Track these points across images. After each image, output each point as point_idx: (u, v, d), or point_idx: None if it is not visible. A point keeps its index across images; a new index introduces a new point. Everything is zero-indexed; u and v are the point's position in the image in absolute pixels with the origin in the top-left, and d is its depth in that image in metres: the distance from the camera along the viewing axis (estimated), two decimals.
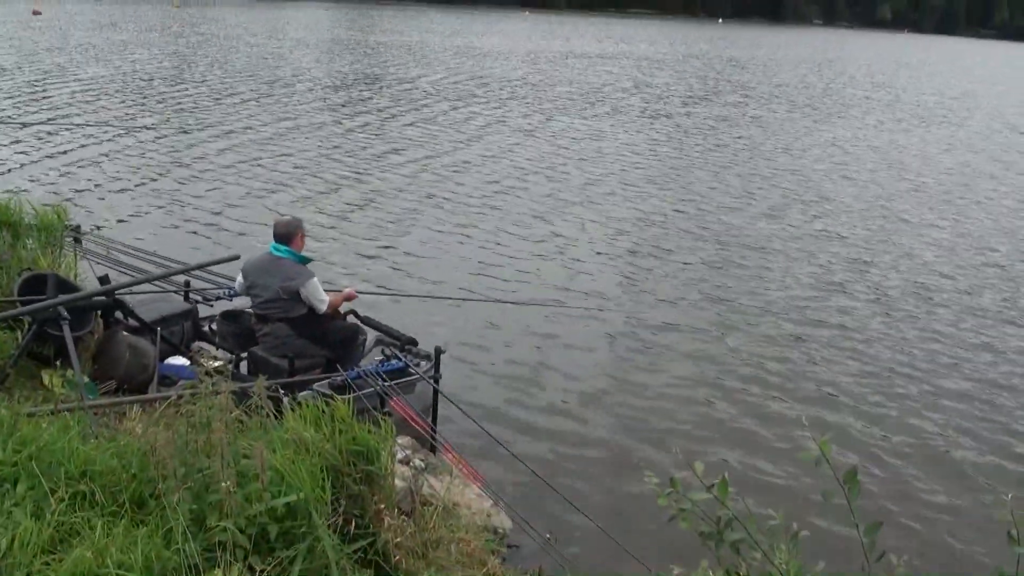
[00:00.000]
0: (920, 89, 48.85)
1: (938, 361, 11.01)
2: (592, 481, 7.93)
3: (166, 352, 7.65)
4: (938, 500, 8.01)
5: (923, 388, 10.24)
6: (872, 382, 10.30)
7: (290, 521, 4.20)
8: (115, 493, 4.33)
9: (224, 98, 29.80)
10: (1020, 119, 38.62)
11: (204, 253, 12.17)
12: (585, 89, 37.84)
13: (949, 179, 22.91)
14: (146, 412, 5.90)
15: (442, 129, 25.72)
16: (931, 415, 9.57)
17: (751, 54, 69.77)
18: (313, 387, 6.90)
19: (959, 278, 14.36)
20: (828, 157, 24.85)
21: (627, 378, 10.08)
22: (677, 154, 23.93)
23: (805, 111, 35.44)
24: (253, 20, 74.44)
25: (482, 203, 17.27)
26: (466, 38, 66.50)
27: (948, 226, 17.77)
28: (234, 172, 18.87)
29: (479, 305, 11.65)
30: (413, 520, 5.60)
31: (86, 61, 37.60)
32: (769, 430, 9.03)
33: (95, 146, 20.66)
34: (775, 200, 19.11)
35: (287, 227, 7.71)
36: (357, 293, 8.34)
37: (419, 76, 39.15)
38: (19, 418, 4.75)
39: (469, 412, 7.44)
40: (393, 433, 5.44)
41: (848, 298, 13.08)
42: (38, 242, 9.24)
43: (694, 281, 13.44)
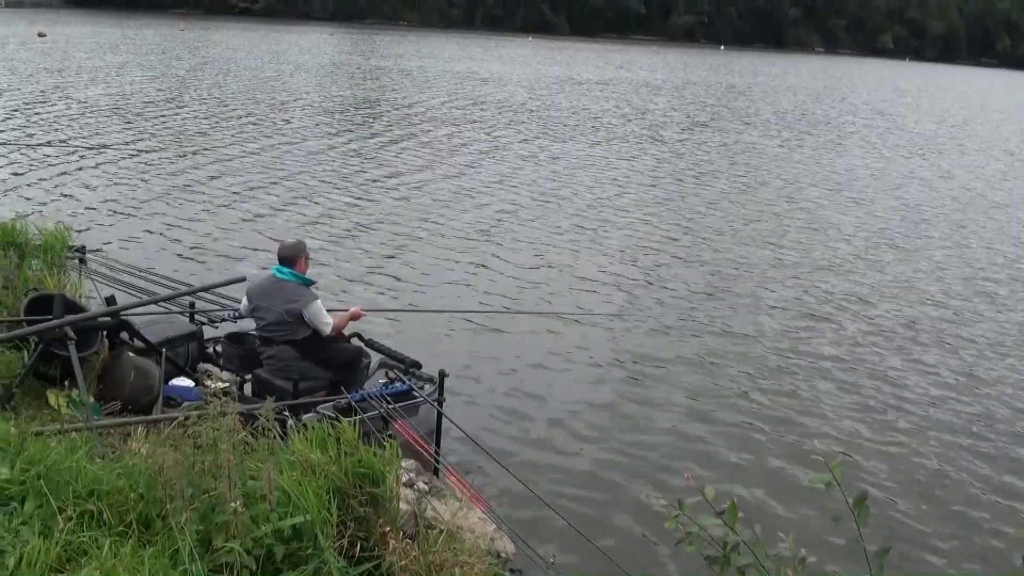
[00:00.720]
0: (919, 117, 48.86)
1: (944, 388, 11.01)
2: (596, 505, 7.92)
3: (171, 373, 7.65)
4: (945, 527, 7.99)
5: (929, 414, 10.24)
6: (880, 407, 10.30)
7: (296, 543, 4.21)
8: (122, 513, 4.34)
9: (228, 121, 29.88)
10: (1017, 147, 38.65)
11: (209, 275, 12.19)
12: (582, 115, 37.83)
13: (948, 207, 22.92)
14: (151, 433, 5.90)
15: (439, 153, 25.74)
16: (939, 441, 9.56)
17: (750, 81, 69.86)
18: (317, 409, 6.91)
19: (957, 307, 14.36)
20: (825, 184, 24.86)
21: (632, 403, 10.08)
22: (672, 180, 23.90)
23: (802, 138, 35.41)
24: (257, 43, 74.67)
25: (477, 228, 17.25)
26: (465, 63, 66.64)
27: (947, 255, 17.77)
28: (239, 195, 18.92)
29: (482, 330, 11.70)
30: (417, 543, 5.60)
31: (90, 84, 37.72)
32: (775, 455, 9.04)
33: (100, 168, 20.69)
34: (773, 227, 19.14)
35: (291, 250, 7.74)
36: (364, 312, 8.35)
37: (418, 101, 39.18)
38: (26, 437, 4.77)
39: (472, 435, 7.45)
40: (398, 455, 5.45)
41: (848, 325, 13.09)
42: (44, 263, 9.28)
43: (695, 307, 13.45)
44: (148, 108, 31.55)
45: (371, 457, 5.00)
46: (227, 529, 4.06)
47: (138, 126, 27.63)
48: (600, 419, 9.65)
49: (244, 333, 8.43)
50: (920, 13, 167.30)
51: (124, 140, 24.56)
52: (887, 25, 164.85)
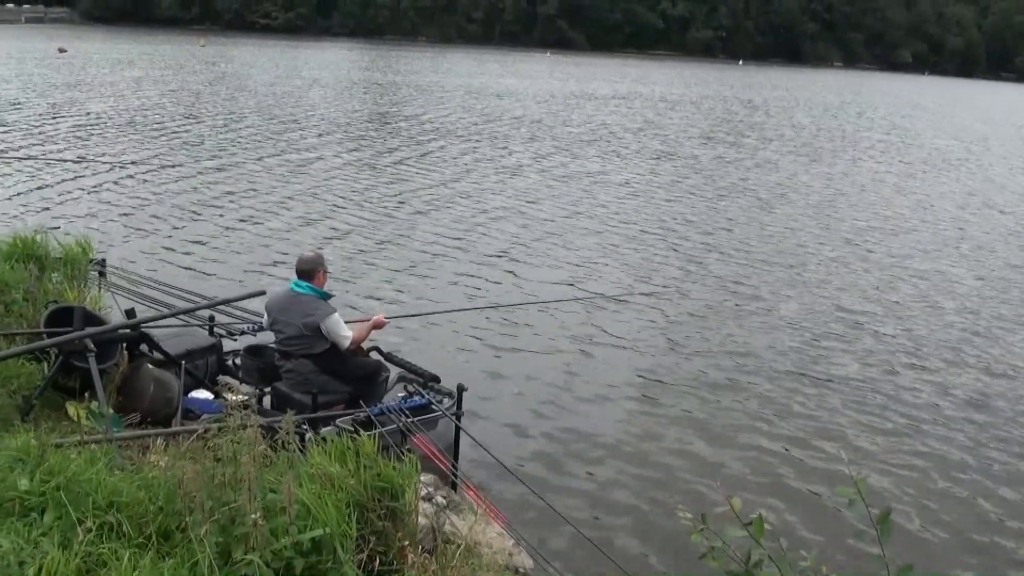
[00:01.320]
0: (937, 132, 48.56)
1: (967, 407, 10.92)
2: (615, 521, 7.89)
3: (190, 386, 7.66)
4: (968, 546, 7.93)
5: (953, 433, 10.17)
6: (904, 425, 10.24)
7: (316, 556, 4.20)
8: (142, 525, 4.34)
9: (246, 136, 30.06)
10: None
11: (229, 289, 12.22)
12: (597, 130, 37.83)
13: (968, 224, 22.79)
14: (171, 445, 5.91)
15: (451, 169, 25.77)
16: (963, 460, 9.49)
17: (766, 95, 69.64)
18: (336, 423, 6.91)
19: (976, 325, 14.25)
20: (841, 200, 24.71)
21: (651, 418, 10.04)
22: (687, 196, 23.83)
23: (818, 153, 35.27)
24: (276, 59, 75.13)
25: (492, 246, 17.27)
26: (481, 79, 66.75)
27: (965, 272, 17.63)
28: (257, 209, 19.00)
29: (501, 345, 11.70)
30: (435, 558, 5.58)
31: (109, 99, 38.00)
32: (795, 471, 8.98)
33: (120, 182, 20.84)
34: (789, 242, 19.09)
35: (309, 263, 7.72)
36: (387, 319, 8.25)
37: (432, 116, 39.29)
38: (46, 448, 4.77)
39: (491, 450, 7.42)
40: (418, 469, 5.43)
41: (868, 342, 13.03)
42: (64, 275, 9.34)
43: (713, 324, 13.39)
44: (167, 123, 31.76)
45: (390, 471, 4.98)
46: (247, 541, 4.05)
47: (157, 141, 27.81)
48: (618, 434, 9.61)
49: (263, 346, 8.44)
50: (938, 28, 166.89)
51: (144, 155, 24.72)
52: (905, 40, 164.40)
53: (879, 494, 8.43)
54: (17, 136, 26.67)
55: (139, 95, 40.32)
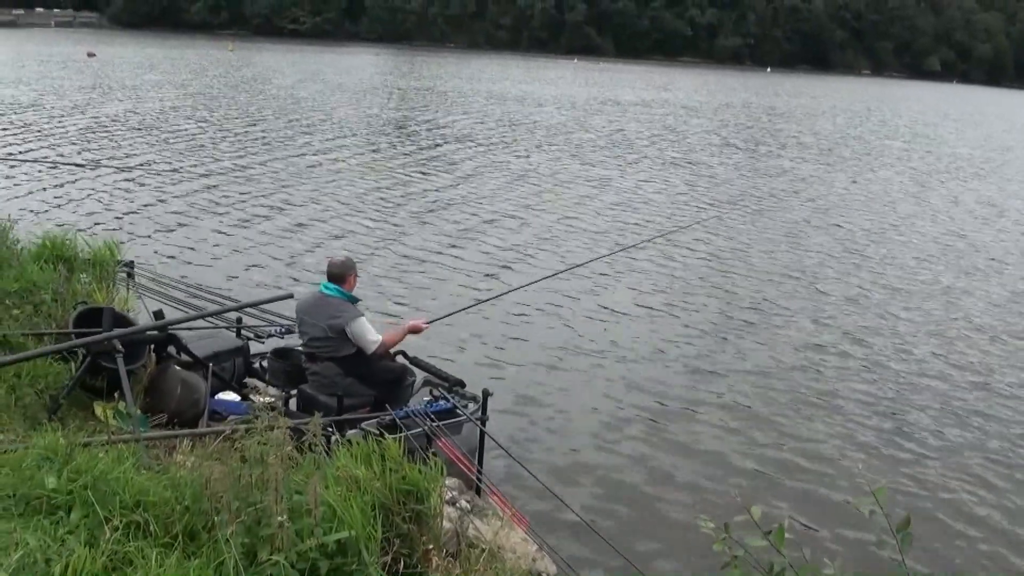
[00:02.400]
0: (962, 141, 48.07)
1: (987, 419, 10.84)
2: (639, 526, 7.87)
3: (217, 387, 7.69)
4: (988, 555, 7.87)
5: (974, 437, 10.12)
6: (925, 436, 10.18)
7: (341, 558, 4.20)
8: (168, 524, 4.35)
9: (276, 140, 30.22)
10: None
11: (256, 291, 12.29)
12: (615, 136, 37.75)
13: (986, 236, 22.56)
14: (197, 446, 5.93)
15: (469, 174, 25.82)
16: (984, 470, 9.43)
17: (791, 103, 69.21)
18: (362, 426, 6.92)
19: (993, 336, 14.13)
20: (861, 210, 24.46)
21: (675, 427, 10.01)
22: (704, 205, 23.68)
23: (838, 161, 34.95)
24: (305, 64, 75.54)
25: (504, 251, 17.29)
26: (503, 84, 66.77)
27: (981, 285, 17.45)
28: (286, 212, 19.11)
29: (529, 350, 11.70)
30: (459, 562, 5.57)
31: (138, 103, 38.37)
32: (821, 477, 8.94)
33: (149, 185, 21.03)
34: (806, 250, 18.97)
35: (340, 267, 7.72)
36: (425, 324, 8.15)
37: (452, 121, 39.46)
38: (74, 447, 4.80)
39: (515, 455, 7.42)
40: (443, 473, 5.43)
41: (888, 353, 12.96)
42: (93, 276, 9.42)
43: (734, 335, 13.32)
44: (194, 127, 32.03)
45: (416, 474, 4.99)
46: (272, 542, 4.05)
47: (187, 144, 28.04)
48: (643, 441, 9.59)
49: (290, 349, 8.46)
50: (967, 36, 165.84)
51: (173, 157, 24.94)
52: (934, 48, 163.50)
53: (900, 504, 8.38)
54: (46, 139, 26.93)
55: (166, 99, 40.64)
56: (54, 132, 28.50)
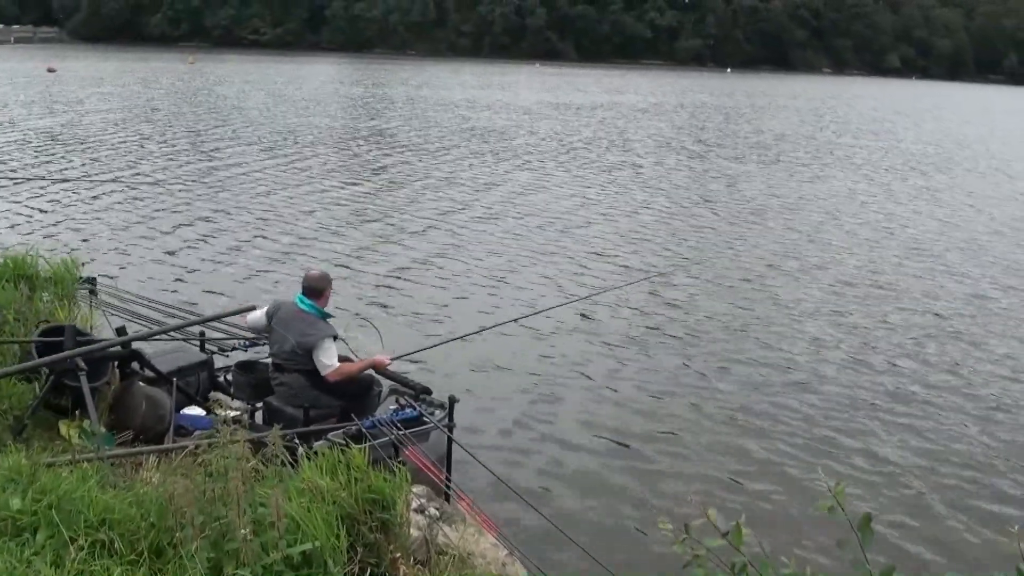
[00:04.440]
0: (917, 137, 48.13)
1: (949, 410, 11.01)
2: (608, 529, 7.92)
3: (182, 402, 7.67)
4: (952, 542, 8.00)
5: (934, 433, 10.27)
6: (885, 428, 10.29)
7: (306, 569, 4.22)
8: (134, 542, 4.35)
9: (234, 152, 30.11)
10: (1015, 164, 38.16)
11: (219, 305, 12.24)
12: (561, 140, 37.59)
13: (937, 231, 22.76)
14: (163, 462, 5.93)
15: (434, 182, 25.84)
16: (945, 464, 9.56)
17: (746, 103, 69.28)
18: (328, 436, 6.92)
19: (954, 327, 14.35)
20: (813, 208, 24.52)
21: (643, 429, 10.08)
22: (652, 201, 23.86)
23: (791, 161, 35.02)
24: (266, 75, 75.29)
25: (473, 258, 17.36)
26: (457, 92, 66.59)
27: (951, 279, 17.69)
28: (247, 225, 19.04)
29: (492, 356, 11.70)
30: (428, 569, 5.60)
31: (98, 117, 38.07)
32: (783, 477, 9.03)
33: (109, 200, 20.90)
34: (763, 249, 19.13)
35: (317, 282, 7.69)
36: (389, 360, 7.98)
37: (415, 130, 39.44)
38: (37, 468, 4.79)
39: (483, 461, 7.44)
40: (408, 481, 5.45)
41: (846, 347, 13.10)
42: (54, 295, 9.34)
43: (696, 333, 13.43)
44: (156, 140, 31.87)
45: (381, 483, 5.01)
46: (237, 556, 4.07)
47: (147, 158, 27.90)
48: (611, 444, 9.66)
49: (255, 362, 8.46)
50: (927, 32, 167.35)
51: (134, 172, 24.79)
52: (894, 45, 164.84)
53: (859, 502, 8.45)
54: (3, 155, 26.70)
55: (124, 112, 40.41)
56: (10, 148, 28.28)
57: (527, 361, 11.84)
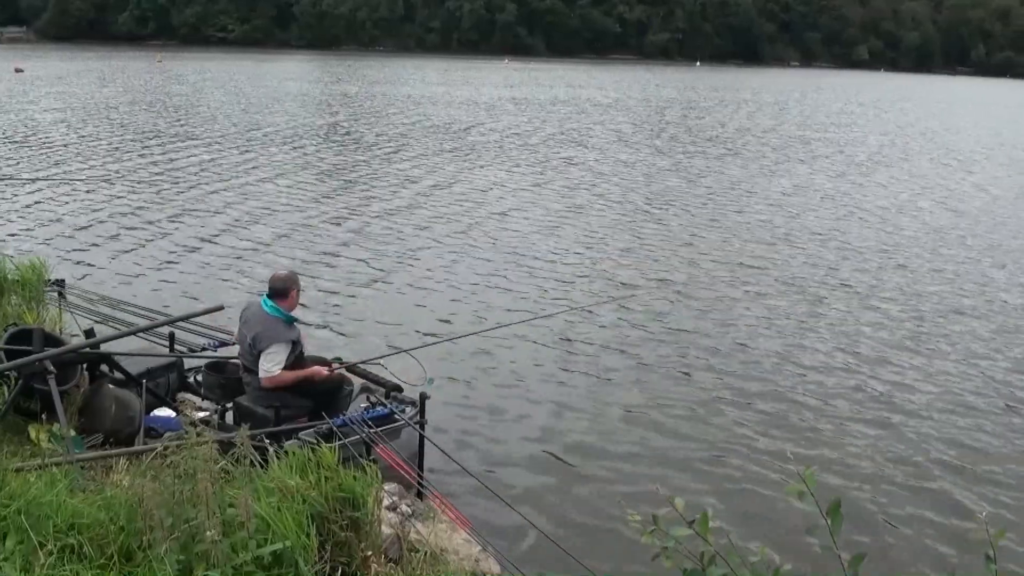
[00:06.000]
0: (883, 129, 48.27)
1: (918, 393, 11.08)
2: (581, 524, 7.93)
3: (152, 404, 7.65)
4: (921, 529, 8.06)
5: (903, 416, 10.33)
6: (857, 414, 10.36)
7: (277, 569, 4.23)
8: (103, 546, 4.35)
9: (202, 151, 29.90)
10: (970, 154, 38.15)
11: (188, 305, 12.17)
12: (517, 136, 37.43)
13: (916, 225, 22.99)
14: (133, 464, 5.91)
15: (404, 180, 25.69)
16: (916, 449, 9.62)
17: (711, 96, 69.41)
18: (299, 435, 6.92)
19: (924, 314, 14.46)
20: (776, 202, 24.41)
21: (615, 422, 10.09)
22: (607, 198, 23.83)
23: (731, 150, 35.17)
24: (233, 73, 74.94)
25: (445, 254, 17.29)
26: (418, 88, 66.50)
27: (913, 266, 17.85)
28: (214, 224, 18.90)
29: (462, 352, 11.68)
30: (400, 567, 5.62)
31: (65, 117, 37.77)
32: (752, 465, 9.07)
33: (75, 201, 20.72)
34: (731, 244, 19.16)
35: (283, 282, 7.62)
36: (328, 373, 7.91)
37: (381, 125, 39.33)
38: (6, 473, 4.77)
39: (455, 457, 7.46)
40: (379, 479, 5.46)
41: (815, 336, 13.18)
42: (22, 298, 9.29)
43: (668, 326, 13.43)
44: (123, 140, 31.65)
45: (351, 481, 5.02)
46: (207, 558, 4.07)
47: (113, 158, 27.68)
48: (583, 437, 9.66)
49: (224, 362, 8.44)
50: (895, 25, 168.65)
51: (99, 172, 24.57)
52: (862, 37, 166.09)
53: (829, 488, 8.50)
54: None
55: (93, 112, 40.10)
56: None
57: (499, 360, 11.82)
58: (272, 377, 7.44)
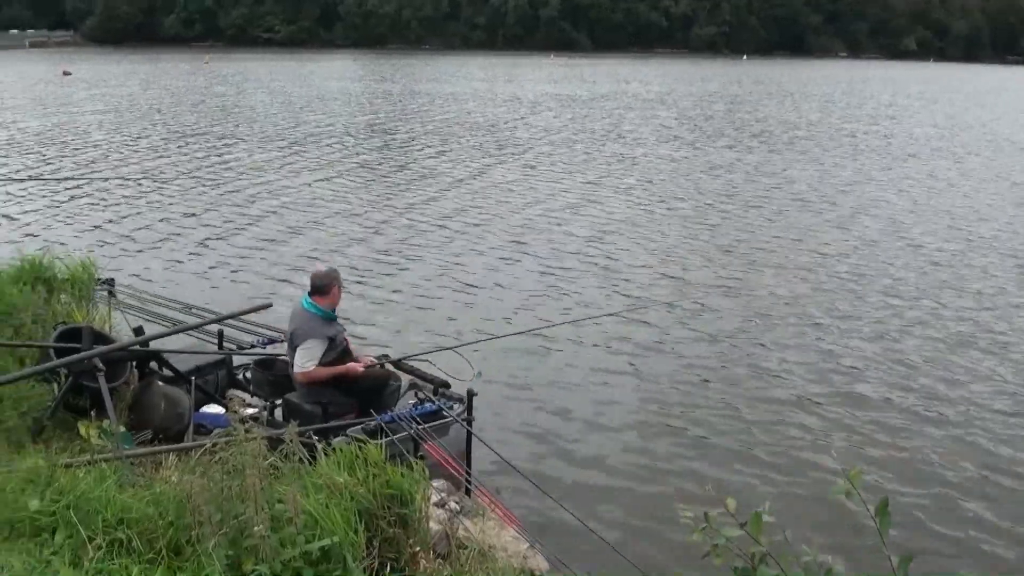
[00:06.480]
0: (932, 121, 47.02)
1: (968, 402, 10.84)
2: (629, 520, 7.89)
3: (201, 401, 7.68)
4: (972, 531, 7.91)
5: (956, 415, 10.18)
6: (903, 414, 10.22)
7: (325, 564, 4.21)
8: (152, 540, 4.36)
9: (250, 151, 30.16)
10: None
11: (237, 303, 12.23)
12: (585, 133, 37.18)
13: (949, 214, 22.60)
14: (182, 461, 5.93)
15: (449, 178, 25.74)
16: (963, 452, 9.46)
17: (757, 89, 68.52)
18: (347, 432, 6.91)
19: (963, 313, 14.24)
20: (830, 199, 24.11)
21: (663, 420, 10.03)
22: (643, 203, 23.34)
23: (773, 143, 34.89)
24: (280, 73, 75.54)
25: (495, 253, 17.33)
26: (460, 84, 66.41)
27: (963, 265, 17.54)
28: (262, 223, 19.07)
29: (511, 350, 11.66)
30: (449, 563, 5.59)
31: (113, 119, 38.29)
32: (801, 464, 8.97)
33: (125, 201, 21.02)
34: (781, 241, 18.97)
35: (323, 279, 7.64)
36: (363, 368, 7.85)
37: (424, 124, 39.46)
38: (56, 469, 4.80)
39: (502, 454, 7.42)
40: (426, 475, 5.44)
41: (868, 337, 13.01)
42: (72, 296, 9.39)
43: (719, 329, 13.27)
44: (172, 140, 32.01)
45: (399, 477, 5.00)
46: (255, 553, 4.07)
47: (162, 158, 28.03)
48: (630, 435, 9.62)
49: (273, 359, 8.46)
50: (943, 14, 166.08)
51: (149, 172, 24.84)
52: (910, 27, 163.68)
53: (877, 488, 8.38)
54: (19, 158, 26.88)
55: (141, 113, 40.64)
56: (27, 150, 28.49)
57: (546, 355, 11.80)
58: (306, 372, 7.48)
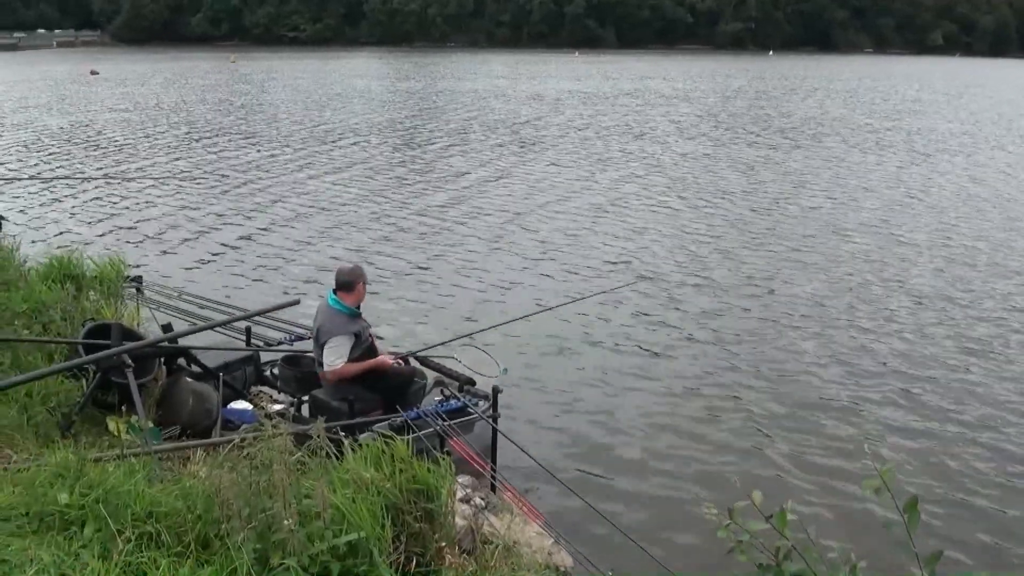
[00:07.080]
0: (959, 116, 46.37)
1: (995, 401, 10.74)
2: (653, 516, 7.88)
3: (229, 397, 7.74)
4: (992, 535, 7.84)
5: (981, 417, 10.08)
6: (927, 414, 10.14)
7: (352, 559, 4.23)
8: (180, 534, 4.39)
9: (277, 148, 30.30)
10: None
11: (264, 300, 12.30)
12: (608, 131, 36.99)
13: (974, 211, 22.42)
14: (210, 456, 5.97)
15: (473, 176, 25.75)
16: (993, 450, 9.37)
17: (781, 84, 67.99)
18: (373, 428, 6.94)
19: (996, 316, 14.09)
20: (836, 192, 23.97)
21: (687, 416, 10.00)
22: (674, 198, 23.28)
23: (795, 138, 34.65)
24: (307, 71, 75.82)
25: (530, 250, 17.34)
26: (483, 81, 66.31)
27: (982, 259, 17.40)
28: (289, 220, 19.16)
29: (536, 345, 11.68)
30: (474, 559, 5.60)
31: (140, 118, 38.54)
32: (829, 460, 8.93)
33: (153, 199, 21.15)
34: (814, 234, 18.89)
35: (348, 275, 7.69)
36: (394, 362, 7.98)
37: (445, 121, 39.49)
38: (85, 463, 4.84)
39: (528, 450, 7.43)
40: (452, 471, 5.46)
41: (893, 336, 12.91)
42: (101, 293, 9.47)
43: (744, 327, 13.21)
44: (198, 138, 32.20)
45: (425, 473, 5.01)
46: (283, 547, 4.09)
47: (189, 156, 28.18)
48: (655, 432, 9.60)
49: (300, 356, 8.51)
50: (969, 8, 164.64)
51: (176, 170, 25.03)
52: (936, 22, 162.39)
53: (907, 486, 8.32)
54: (47, 158, 27.11)
55: (168, 112, 40.89)
56: (55, 149, 28.72)
57: (571, 351, 11.80)
58: (335, 370, 7.51)
